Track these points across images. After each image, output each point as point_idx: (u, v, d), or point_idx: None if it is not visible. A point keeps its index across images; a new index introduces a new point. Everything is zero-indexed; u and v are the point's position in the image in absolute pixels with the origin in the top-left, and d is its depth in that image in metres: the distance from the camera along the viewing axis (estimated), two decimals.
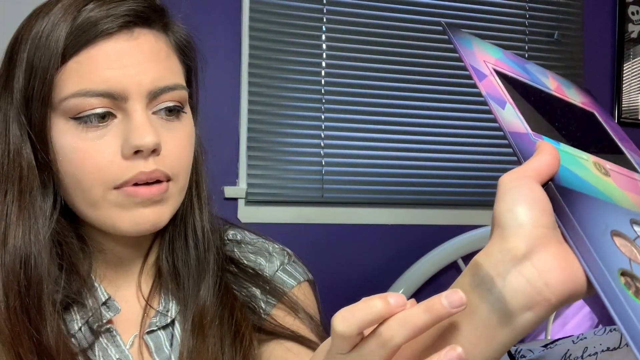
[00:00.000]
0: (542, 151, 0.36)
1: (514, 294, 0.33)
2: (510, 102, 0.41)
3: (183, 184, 0.60)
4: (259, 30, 1.89)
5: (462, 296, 0.33)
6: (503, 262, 0.34)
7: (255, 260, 0.70)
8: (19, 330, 0.54)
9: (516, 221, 0.34)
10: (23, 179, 0.57)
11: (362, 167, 1.99)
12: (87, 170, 0.55)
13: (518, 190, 0.34)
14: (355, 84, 1.99)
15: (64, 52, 0.55)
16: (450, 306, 0.32)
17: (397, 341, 0.33)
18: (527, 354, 1.62)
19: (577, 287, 0.33)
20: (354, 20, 1.99)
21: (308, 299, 0.70)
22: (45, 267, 0.56)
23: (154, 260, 0.65)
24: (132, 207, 0.56)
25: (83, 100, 0.55)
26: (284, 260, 0.72)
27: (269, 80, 1.90)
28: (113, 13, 0.56)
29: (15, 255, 0.56)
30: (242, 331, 0.61)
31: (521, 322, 0.33)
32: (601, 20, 2.29)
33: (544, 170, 0.35)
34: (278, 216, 1.91)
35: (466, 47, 0.43)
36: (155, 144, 0.55)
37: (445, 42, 2.09)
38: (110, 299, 0.61)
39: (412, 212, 2.04)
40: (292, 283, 0.69)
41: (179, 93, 0.59)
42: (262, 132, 1.90)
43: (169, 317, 0.62)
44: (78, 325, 0.59)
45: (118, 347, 0.60)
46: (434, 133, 2.07)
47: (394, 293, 0.34)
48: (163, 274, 0.64)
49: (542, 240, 0.33)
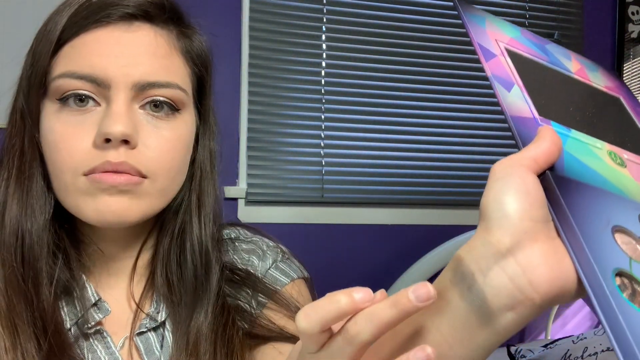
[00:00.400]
0: (541, 137, 0.34)
1: (495, 292, 0.31)
2: (519, 83, 0.38)
3: (162, 186, 0.58)
4: (259, 30, 1.89)
5: (429, 290, 0.30)
6: (485, 256, 0.31)
7: (249, 260, 0.69)
8: (15, 303, 0.54)
9: (502, 212, 0.31)
10: (22, 156, 0.58)
11: (362, 167, 1.99)
12: (61, 154, 0.55)
13: (508, 179, 0.32)
14: (355, 84, 1.99)
15: (61, 36, 0.56)
16: (417, 300, 0.30)
17: (364, 337, 0.31)
18: (527, 354, 1.62)
19: (565, 286, 0.31)
20: (354, 20, 1.99)
21: (303, 296, 0.69)
22: (41, 248, 0.57)
23: (145, 264, 0.65)
24: (97, 193, 0.55)
25: (67, 81, 0.55)
26: (277, 257, 0.70)
27: (269, 80, 1.90)
28: (115, 3, 0.57)
29: (12, 228, 0.57)
30: (234, 347, 0.60)
31: (503, 323, 0.31)
32: (601, 20, 2.29)
33: (541, 158, 0.33)
34: (278, 216, 1.91)
35: (477, 24, 0.41)
36: (124, 133, 0.54)
37: (446, 42, 2.09)
38: (100, 300, 0.60)
39: (412, 212, 2.04)
40: (284, 281, 0.68)
41: (172, 92, 0.58)
42: (262, 132, 1.90)
43: (159, 320, 0.62)
44: (67, 326, 0.58)
45: (108, 349, 0.60)
46: (434, 133, 2.07)
47: (360, 288, 0.32)
48: (156, 279, 0.63)
49: (529, 235, 0.31)
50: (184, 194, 0.63)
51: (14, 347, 0.53)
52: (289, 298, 0.66)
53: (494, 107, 2.14)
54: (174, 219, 0.63)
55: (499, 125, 2.15)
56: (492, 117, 2.14)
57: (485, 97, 2.13)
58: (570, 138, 0.36)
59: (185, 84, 0.60)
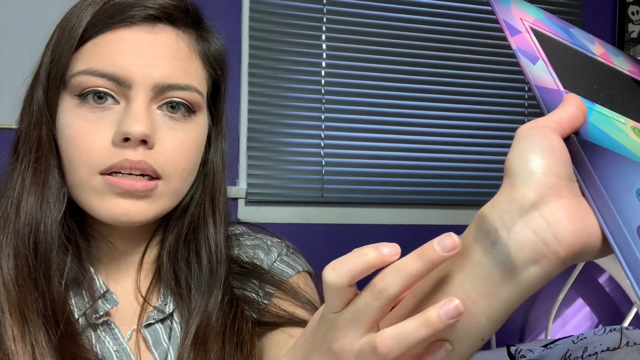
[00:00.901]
0: (566, 102, 0.34)
1: (520, 246, 0.31)
2: (544, 58, 0.39)
3: (176, 186, 0.59)
4: (259, 30, 1.89)
5: (454, 240, 0.31)
6: (509, 212, 0.31)
7: (254, 254, 0.70)
8: (25, 292, 0.55)
9: (526, 169, 0.32)
10: (40, 149, 0.58)
11: (362, 167, 1.99)
12: (77, 150, 0.56)
13: (532, 138, 0.32)
14: (355, 84, 1.99)
15: (84, 33, 0.57)
16: (442, 250, 0.31)
17: (392, 291, 0.32)
18: (527, 354, 1.62)
19: (589, 241, 0.31)
20: (354, 20, 2.00)
21: (309, 287, 0.70)
22: (54, 240, 0.57)
23: (152, 259, 0.65)
24: (111, 196, 0.56)
25: (88, 78, 0.56)
26: (282, 252, 0.72)
27: (269, 80, 1.90)
28: (139, 3, 0.58)
29: (26, 220, 0.57)
30: (243, 339, 0.61)
31: (526, 277, 0.31)
32: (601, 20, 2.29)
33: (566, 122, 0.33)
34: (278, 216, 1.91)
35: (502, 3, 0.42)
36: (143, 134, 0.55)
37: (446, 42, 2.09)
38: (108, 291, 0.61)
39: (412, 212, 2.04)
40: (290, 272, 0.69)
41: (189, 94, 0.59)
42: (262, 132, 1.90)
43: (166, 312, 0.62)
44: (75, 316, 0.59)
45: (116, 340, 0.60)
46: (434, 133, 2.07)
47: (387, 243, 0.33)
48: (163, 273, 0.63)
49: (553, 190, 0.31)
50: (193, 193, 0.64)
51: (23, 336, 0.53)
52: (296, 287, 0.67)
53: (494, 107, 2.14)
54: (183, 217, 0.64)
55: (498, 126, 2.15)
56: (492, 117, 2.14)
57: (486, 97, 2.13)
58: (594, 111, 0.37)
59: (202, 87, 0.62)
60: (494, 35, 2.14)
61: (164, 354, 0.61)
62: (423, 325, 0.31)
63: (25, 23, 1.65)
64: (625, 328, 1.61)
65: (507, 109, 2.16)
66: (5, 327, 0.54)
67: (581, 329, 2.16)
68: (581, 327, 2.17)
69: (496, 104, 2.15)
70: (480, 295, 0.32)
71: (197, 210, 0.64)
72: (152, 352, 0.61)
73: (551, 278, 0.32)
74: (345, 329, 0.34)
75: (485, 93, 2.13)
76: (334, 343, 0.34)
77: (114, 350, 0.59)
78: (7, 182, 0.59)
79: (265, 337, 0.63)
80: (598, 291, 2.22)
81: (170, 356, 0.61)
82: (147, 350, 0.61)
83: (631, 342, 1.54)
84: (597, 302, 2.22)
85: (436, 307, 0.31)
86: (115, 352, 0.59)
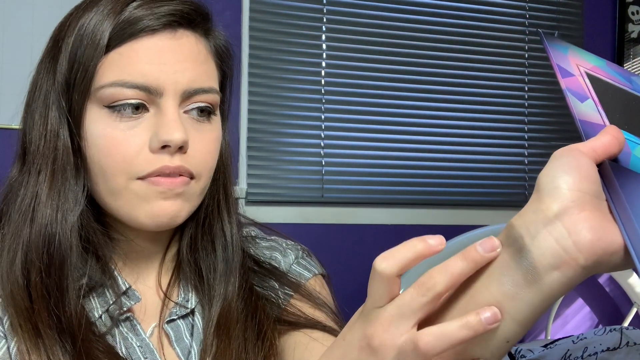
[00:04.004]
0: (604, 132, 0.37)
1: (542, 252, 0.34)
2: (594, 98, 0.41)
3: (204, 185, 0.61)
4: (259, 30, 1.89)
5: (494, 242, 0.35)
6: (534, 222, 0.34)
7: (271, 256, 0.71)
8: (38, 307, 0.55)
9: (553, 184, 0.35)
10: (57, 160, 0.58)
11: (362, 167, 1.99)
12: (113, 159, 0.56)
13: (563, 158, 0.35)
14: (355, 84, 1.99)
15: (108, 44, 0.57)
16: (484, 251, 0.35)
17: (439, 288, 0.35)
18: (527, 354, 1.62)
19: (608, 250, 0.33)
20: (354, 20, 1.99)
21: (325, 290, 0.71)
22: (69, 249, 0.57)
23: (173, 254, 0.66)
24: (153, 198, 0.57)
25: (120, 90, 0.56)
26: (298, 254, 0.73)
27: (269, 80, 1.90)
28: (158, 12, 0.58)
29: (41, 233, 0.57)
30: (264, 330, 0.62)
31: (548, 282, 0.34)
32: (601, 20, 2.29)
33: (600, 148, 0.36)
34: (278, 216, 1.91)
35: (559, 51, 0.45)
36: (183, 141, 0.56)
37: (446, 42, 2.09)
38: (130, 288, 0.61)
39: (412, 212, 2.04)
40: (307, 275, 0.70)
41: (212, 96, 0.61)
42: (262, 132, 1.90)
43: (188, 307, 0.63)
44: (98, 313, 0.59)
45: (138, 336, 0.61)
46: (434, 133, 2.07)
47: (431, 235, 0.37)
48: (183, 267, 0.65)
49: (577, 203, 0.34)
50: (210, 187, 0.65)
51: (37, 348, 0.53)
52: (313, 291, 0.68)
53: (494, 107, 2.14)
54: (199, 210, 0.65)
55: (499, 126, 2.15)
56: (492, 118, 2.14)
57: (486, 97, 2.13)
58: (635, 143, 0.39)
59: (217, 85, 0.63)
60: (494, 36, 2.14)
61: (186, 350, 0.62)
62: (465, 327, 0.34)
63: (25, 23, 1.65)
64: (625, 328, 1.60)
65: (507, 109, 2.16)
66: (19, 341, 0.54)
67: (581, 329, 2.16)
68: (581, 327, 2.17)
69: (496, 104, 2.15)
70: (505, 296, 0.35)
71: (212, 203, 0.65)
72: (174, 347, 0.62)
73: (574, 284, 0.35)
74: (387, 324, 0.36)
75: (485, 93, 2.13)
76: (375, 339, 0.36)
77: (137, 346, 0.60)
78: (19, 193, 0.59)
79: (286, 336, 0.64)
80: (598, 291, 2.22)
81: (192, 352, 0.62)
82: (169, 346, 0.62)
83: (631, 342, 1.54)
84: (597, 302, 2.22)
85: (477, 312, 0.34)
86: (139, 348, 0.60)
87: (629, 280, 1.94)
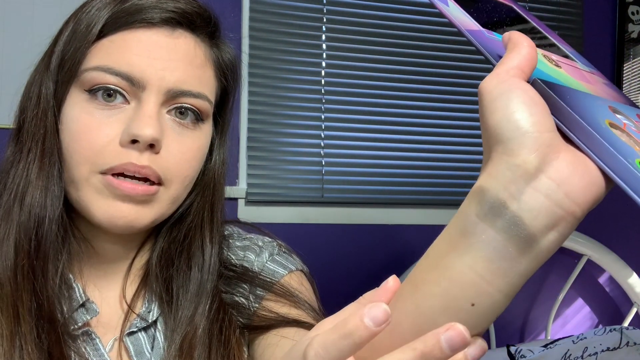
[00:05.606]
0: (518, 44, 0.31)
1: (534, 215, 0.29)
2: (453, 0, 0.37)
3: (175, 193, 0.58)
4: (259, 30, 1.89)
5: (385, 309, 0.27)
6: (514, 180, 0.29)
7: (244, 257, 0.68)
8: (22, 290, 0.54)
9: (519, 130, 0.29)
10: (46, 141, 0.56)
11: (362, 167, 1.99)
12: (80, 145, 0.54)
13: (508, 95, 0.30)
14: (355, 84, 1.99)
15: (103, 30, 0.56)
16: (374, 325, 0.27)
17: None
18: (527, 354, 1.62)
19: (598, 190, 0.29)
20: (354, 20, 1.99)
21: (304, 286, 0.68)
22: (55, 235, 0.56)
23: (143, 263, 0.64)
24: (109, 197, 0.54)
25: (101, 75, 0.55)
26: (274, 251, 0.70)
27: (269, 80, 1.90)
28: (161, 6, 0.57)
29: (31, 214, 0.55)
30: (230, 348, 0.60)
31: (544, 245, 0.29)
32: (601, 20, 2.29)
33: (526, 66, 0.31)
34: (278, 216, 1.91)
35: None
36: (153, 138, 0.54)
37: (446, 42, 2.09)
38: (88, 300, 0.59)
39: (412, 212, 2.04)
40: (282, 272, 0.67)
41: (201, 102, 0.58)
42: (262, 132, 1.90)
43: (149, 319, 0.60)
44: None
45: (97, 351, 0.58)
46: (434, 133, 2.07)
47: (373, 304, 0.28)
48: (150, 278, 0.62)
49: (552, 147, 0.29)
50: (191, 202, 0.63)
51: (12, 336, 0.52)
52: (288, 287, 0.65)
53: None
54: (179, 225, 0.63)
55: None
56: None
57: None
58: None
59: (212, 96, 0.61)
60: None
61: None
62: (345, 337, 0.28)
63: (25, 23, 1.65)
64: (625, 328, 1.61)
65: None
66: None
67: (581, 329, 2.16)
68: (581, 327, 2.17)
69: None
70: (495, 274, 0.30)
71: (196, 219, 0.63)
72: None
73: (566, 239, 0.30)
74: None
75: None
76: None
77: None
78: (10, 172, 0.58)
79: (257, 340, 0.62)
80: (598, 291, 2.22)
81: None
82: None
83: (631, 342, 1.55)
84: (597, 302, 2.22)
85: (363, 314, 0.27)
86: None
87: (629, 280, 1.94)
